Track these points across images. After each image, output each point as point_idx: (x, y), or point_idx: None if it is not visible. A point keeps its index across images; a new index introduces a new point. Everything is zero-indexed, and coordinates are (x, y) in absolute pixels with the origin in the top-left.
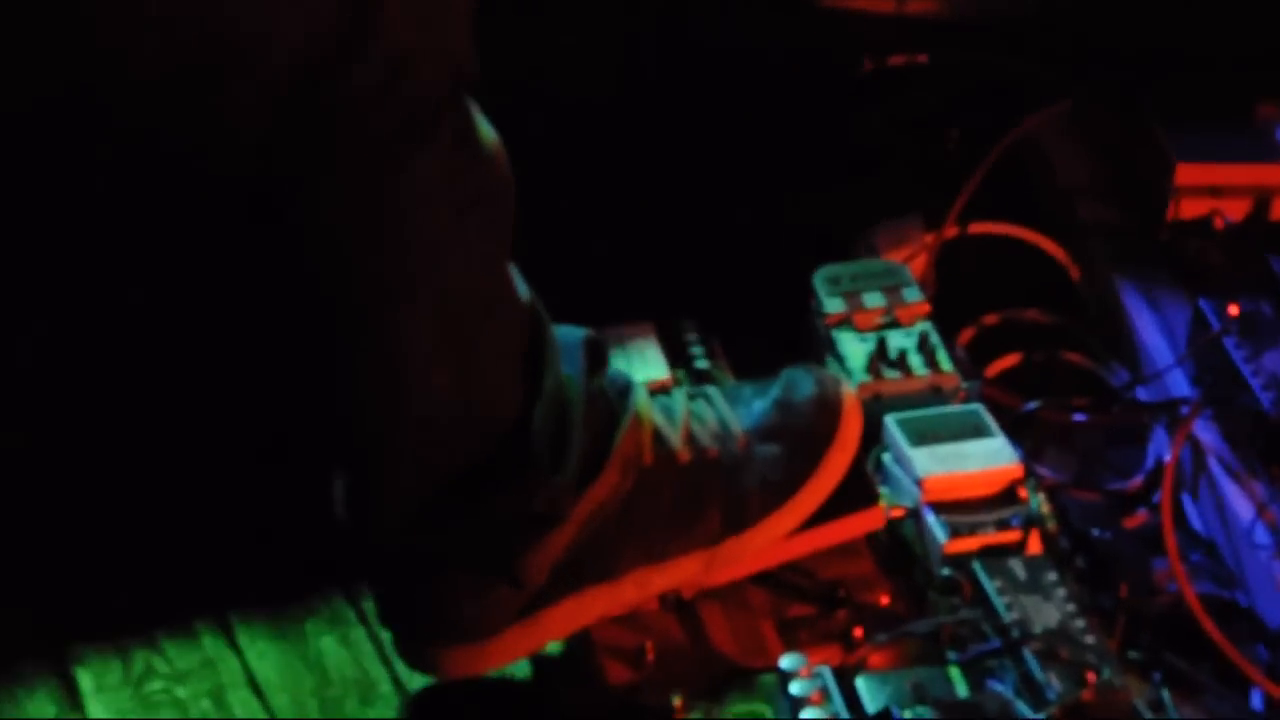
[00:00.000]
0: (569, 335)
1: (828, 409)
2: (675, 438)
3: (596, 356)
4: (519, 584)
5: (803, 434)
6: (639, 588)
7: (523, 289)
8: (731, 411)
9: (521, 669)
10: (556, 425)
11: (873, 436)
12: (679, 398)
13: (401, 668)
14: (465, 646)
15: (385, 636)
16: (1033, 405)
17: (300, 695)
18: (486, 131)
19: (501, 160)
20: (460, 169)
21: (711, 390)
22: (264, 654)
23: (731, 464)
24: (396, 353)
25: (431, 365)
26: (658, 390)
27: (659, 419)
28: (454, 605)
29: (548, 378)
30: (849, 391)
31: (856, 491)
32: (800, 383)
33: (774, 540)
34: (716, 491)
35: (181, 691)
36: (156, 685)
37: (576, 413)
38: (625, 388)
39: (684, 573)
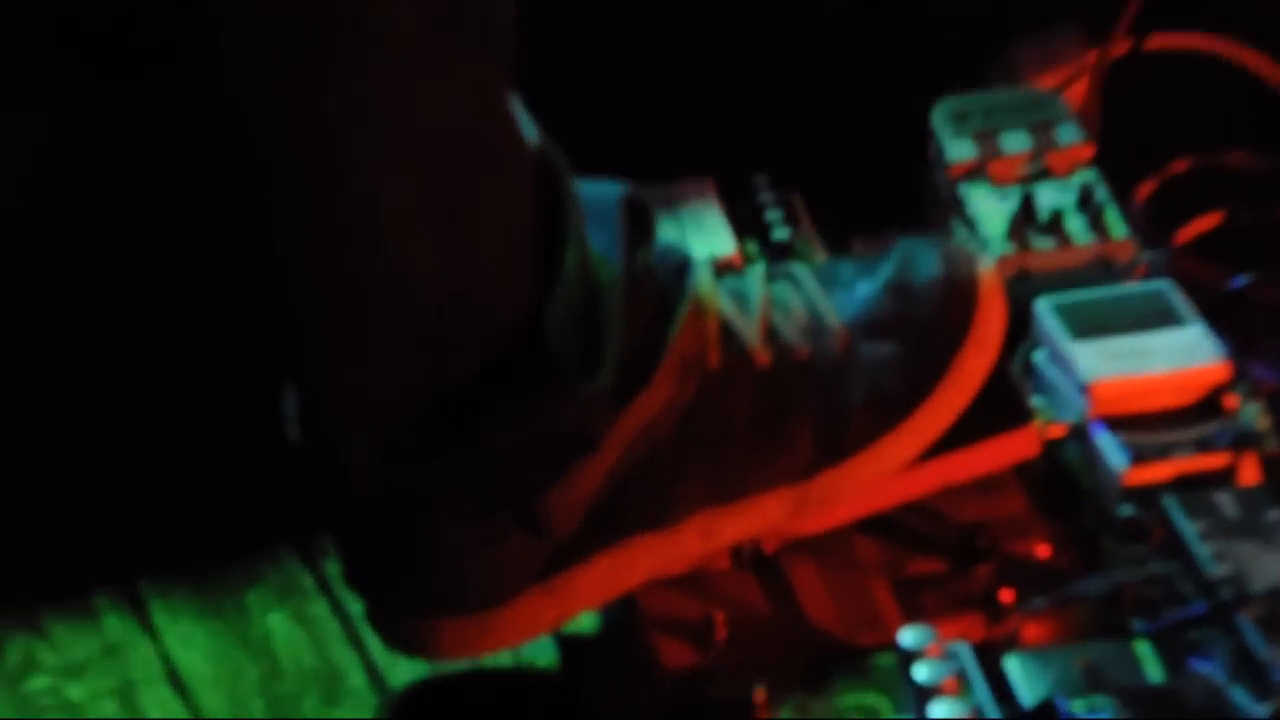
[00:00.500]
0: (600, 195)
1: (959, 294)
2: (751, 332)
3: (640, 223)
4: (539, 531)
5: (925, 328)
6: (704, 537)
7: (531, 132)
8: (827, 298)
9: (544, 651)
10: (584, 317)
11: (1020, 328)
12: (755, 279)
13: (379, 651)
14: (467, 618)
15: (355, 609)
16: (1242, 281)
17: (240, 693)
18: None
19: None
20: None
21: (799, 269)
22: (189, 638)
23: (828, 368)
24: (360, 221)
25: (409, 235)
26: (723, 270)
27: (728, 308)
28: (450, 562)
29: (570, 253)
30: (988, 271)
31: (1000, 405)
32: (921, 259)
33: (887, 473)
34: (808, 405)
35: (75, 691)
36: (40, 683)
37: (613, 300)
38: (681, 265)
39: (765, 516)
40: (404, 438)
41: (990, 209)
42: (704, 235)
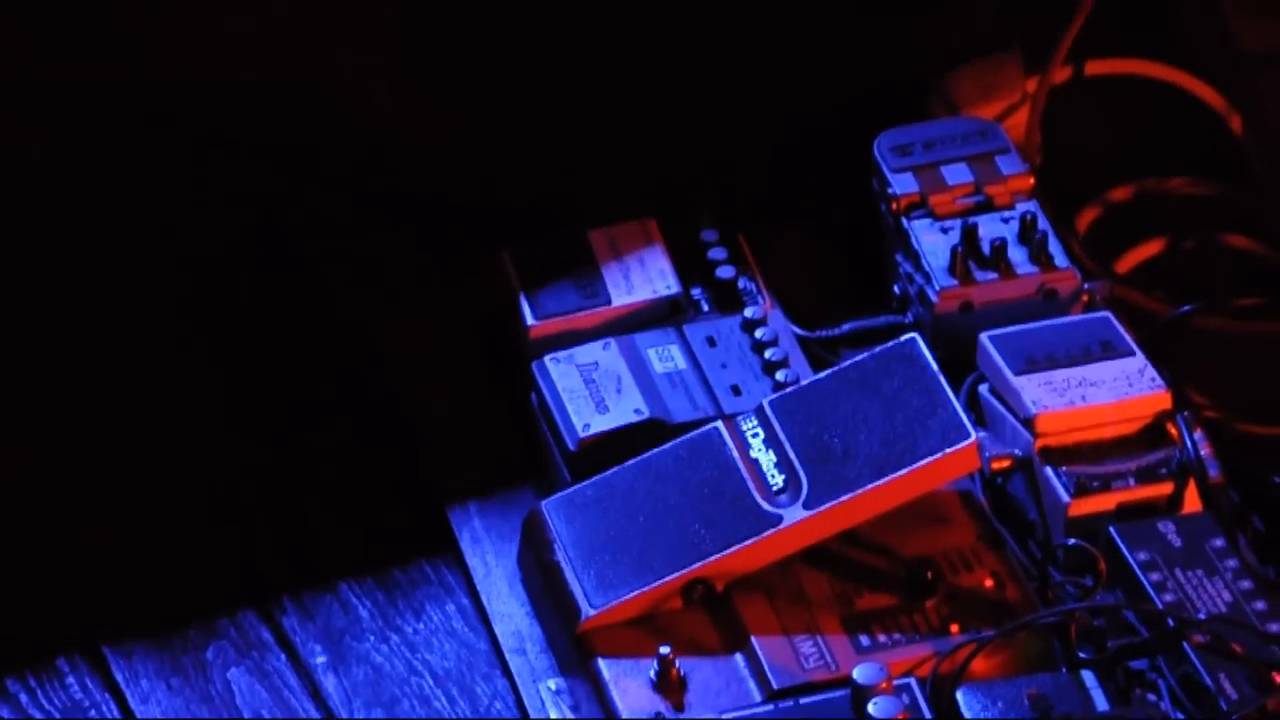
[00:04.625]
0: None
1: None
2: None
3: None
4: None
5: None
6: None
7: None
8: None
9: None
10: None
11: (965, 362)
12: None
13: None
14: None
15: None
16: (1184, 309)
17: None
18: None
19: None
20: None
21: None
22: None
23: None
24: None
25: None
26: (664, 308)
27: None
28: None
29: None
30: None
31: (941, 424)
32: None
33: None
34: None
35: None
36: None
37: None
38: None
39: None
40: None
41: (934, 242)
42: (646, 276)
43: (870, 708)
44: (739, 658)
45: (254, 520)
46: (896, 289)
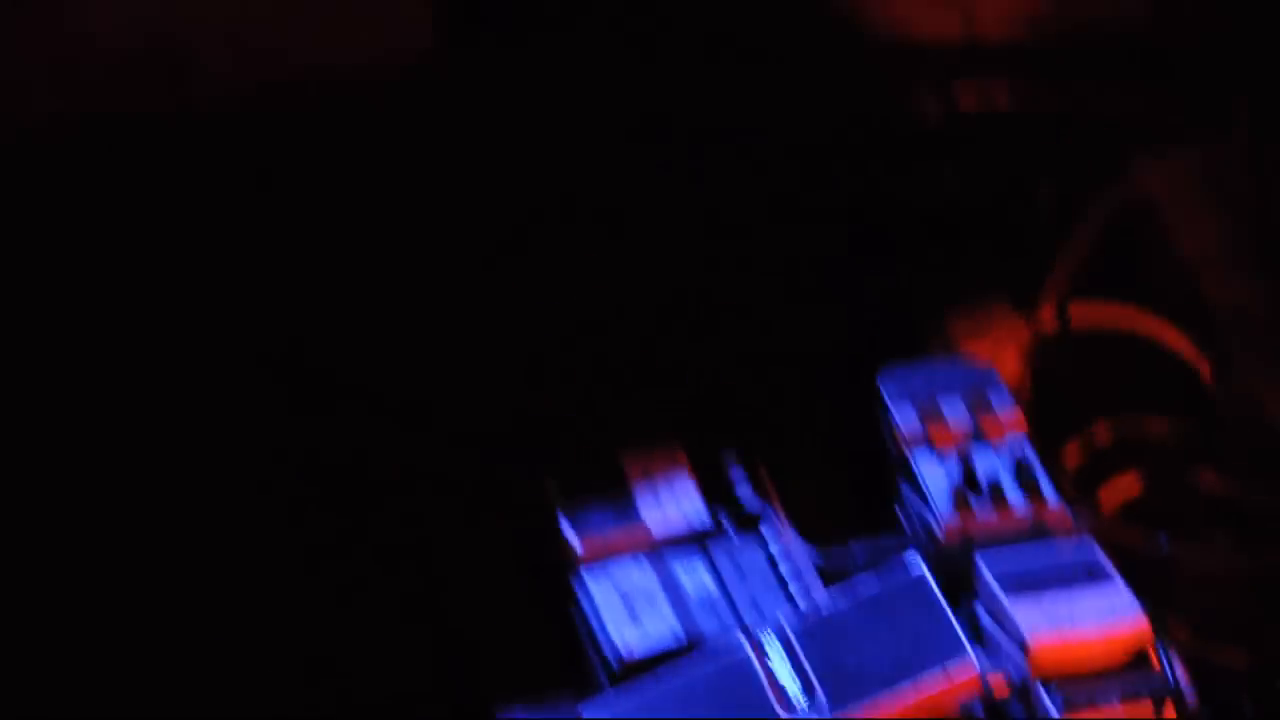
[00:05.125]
0: None
1: None
2: None
3: None
4: None
5: None
6: None
7: None
8: None
9: None
10: None
11: (963, 575)
12: None
13: None
14: None
15: None
16: (1162, 541)
17: None
18: None
19: None
20: None
21: None
22: None
23: None
24: None
25: None
26: (695, 541)
27: None
28: None
29: None
30: None
31: (947, 653)
32: None
33: None
34: None
35: None
36: None
37: None
38: None
39: None
40: None
41: (934, 472)
42: (678, 507)
43: None
44: None
45: None
46: (900, 511)
